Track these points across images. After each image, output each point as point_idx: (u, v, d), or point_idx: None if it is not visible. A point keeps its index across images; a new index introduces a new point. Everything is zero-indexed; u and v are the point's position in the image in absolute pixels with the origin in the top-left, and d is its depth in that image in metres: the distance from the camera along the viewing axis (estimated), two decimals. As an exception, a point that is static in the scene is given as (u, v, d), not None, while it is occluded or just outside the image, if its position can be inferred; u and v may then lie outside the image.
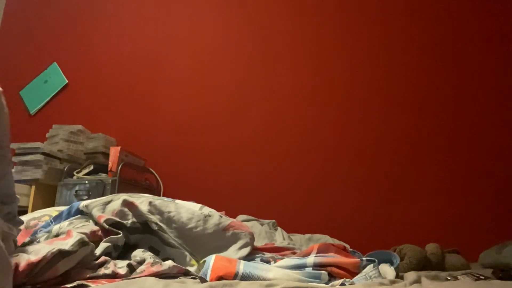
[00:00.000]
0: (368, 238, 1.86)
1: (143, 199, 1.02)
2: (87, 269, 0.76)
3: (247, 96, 2.35)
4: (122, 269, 0.77)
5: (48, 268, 0.68)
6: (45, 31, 2.91)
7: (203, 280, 0.74)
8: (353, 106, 2.17)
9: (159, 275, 0.74)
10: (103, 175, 2.06)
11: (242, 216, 1.77)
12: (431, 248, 1.22)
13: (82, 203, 1.01)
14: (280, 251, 1.17)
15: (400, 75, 2.14)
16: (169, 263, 0.80)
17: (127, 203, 0.99)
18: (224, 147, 2.30)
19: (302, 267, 0.86)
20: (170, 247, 0.97)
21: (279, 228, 1.71)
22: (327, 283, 0.80)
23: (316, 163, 2.13)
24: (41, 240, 0.87)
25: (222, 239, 1.03)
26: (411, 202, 1.93)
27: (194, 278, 0.77)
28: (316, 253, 0.92)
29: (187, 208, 1.06)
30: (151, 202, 1.01)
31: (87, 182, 2.01)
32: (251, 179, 2.20)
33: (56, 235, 0.87)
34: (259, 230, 1.59)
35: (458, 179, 1.92)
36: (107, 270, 0.76)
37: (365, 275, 0.81)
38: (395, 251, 1.19)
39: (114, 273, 0.75)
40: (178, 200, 1.10)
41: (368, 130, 2.10)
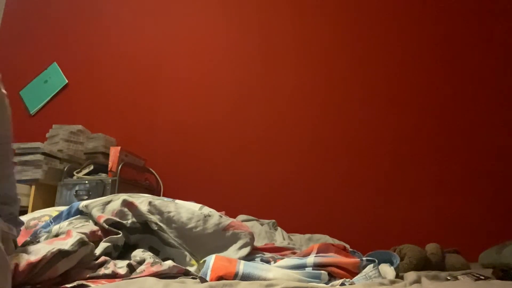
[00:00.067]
0: (368, 238, 1.86)
1: (142, 199, 1.02)
2: (87, 269, 0.76)
3: (247, 96, 2.35)
4: (122, 269, 0.77)
5: (48, 268, 0.68)
6: (45, 31, 2.91)
7: (203, 280, 0.74)
8: (353, 106, 2.17)
9: (159, 275, 0.74)
10: (103, 175, 2.06)
11: (242, 216, 1.77)
12: (431, 248, 1.22)
13: (82, 203, 1.01)
14: (280, 251, 1.17)
15: (400, 75, 2.14)
16: (169, 263, 0.80)
17: (126, 203, 0.99)
18: (224, 147, 2.30)
19: (302, 267, 0.86)
20: (170, 247, 0.97)
21: (279, 228, 1.71)
22: (327, 283, 0.80)
23: (316, 163, 2.13)
24: (41, 240, 0.87)
25: (222, 239, 1.03)
26: (411, 202, 1.94)
27: (194, 278, 0.77)
28: (316, 253, 0.92)
29: (187, 208, 1.06)
30: (151, 202, 1.01)
31: (87, 182, 2.01)
32: (251, 179, 2.20)
33: (56, 235, 0.87)
34: (259, 230, 1.59)
35: (458, 179, 1.92)
36: (107, 270, 0.76)
37: (365, 275, 0.81)
38: (395, 251, 1.19)
39: (114, 273, 0.75)
40: (178, 200, 1.10)
41: (368, 130, 2.11)
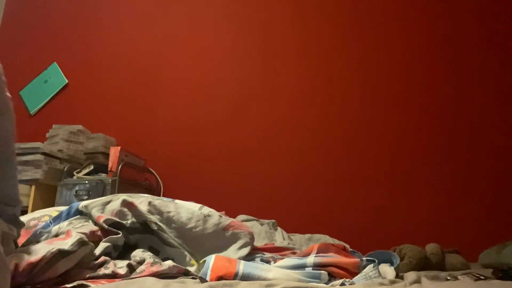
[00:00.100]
0: (368, 238, 1.86)
1: (142, 199, 1.02)
2: (87, 269, 0.76)
3: (247, 96, 2.35)
4: (122, 269, 0.77)
5: (48, 268, 0.68)
6: (45, 31, 2.91)
7: (203, 280, 0.74)
8: (353, 106, 2.17)
9: (159, 275, 0.74)
10: (103, 175, 2.06)
11: (242, 216, 1.77)
12: (431, 248, 1.22)
13: (82, 204, 1.01)
14: (280, 251, 1.17)
15: (400, 75, 2.14)
16: (169, 263, 0.79)
17: (126, 203, 0.99)
18: (224, 147, 2.30)
19: (302, 267, 0.86)
20: (170, 247, 0.96)
21: (279, 228, 1.70)
22: (327, 283, 0.80)
23: (316, 163, 2.13)
24: (40, 241, 0.87)
25: (222, 239, 1.03)
26: (411, 202, 1.93)
27: (194, 278, 0.77)
28: (316, 253, 0.92)
29: (186, 208, 1.06)
30: (150, 202, 1.01)
31: (87, 182, 2.01)
32: (251, 179, 2.20)
33: (56, 235, 0.87)
34: (259, 230, 1.59)
35: (458, 179, 1.92)
36: (107, 270, 0.76)
37: (365, 275, 0.81)
38: (395, 251, 1.19)
39: (114, 273, 0.75)
40: (178, 200, 1.10)
41: (368, 130, 2.10)
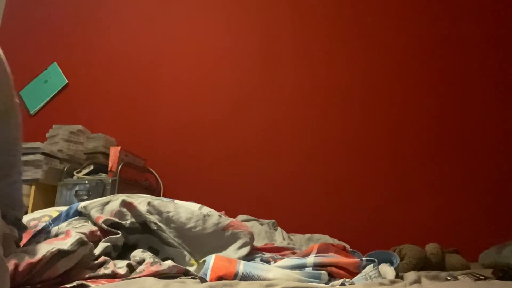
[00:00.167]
0: (368, 238, 1.86)
1: (141, 199, 1.02)
2: (87, 269, 0.76)
3: (247, 96, 2.35)
4: (122, 269, 0.77)
5: (48, 268, 0.68)
6: (45, 31, 2.91)
7: (203, 280, 0.74)
8: (353, 106, 2.17)
9: (158, 275, 0.74)
10: (103, 175, 2.06)
11: (242, 216, 1.77)
12: (431, 248, 1.21)
13: (81, 204, 1.01)
14: (280, 251, 1.17)
15: (400, 75, 2.14)
16: (168, 263, 0.79)
17: (125, 203, 0.99)
18: (224, 147, 2.30)
19: (302, 267, 0.86)
20: (170, 246, 0.96)
21: (279, 228, 1.70)
22: (327, 283, 0.80)
23: (316, 163, 2.13)
24: (40, 241, 0.87)
25: (221, 238, 1.03)
26: (411, 202, 1.93)
27: (194, 278, 0.77)
28: (316, 253, 0.92)
29: (186, 208, 1.06)
30: (149, 202, 1.01)
31: (87, 182, 2.01)
32: (251, 179, 2.19)
33: (55, 235, 0.87)
34: (259, 230, 1.58)
35: (458, 179, 1.92)
36: (106, 270, 0.76)
37: (365, 275, 0.81)
38: (395, 251, 1.19)
39: (113, 273, 0.75)
40: (177, 200, 1.10)
41: (368, 130, 2.10)
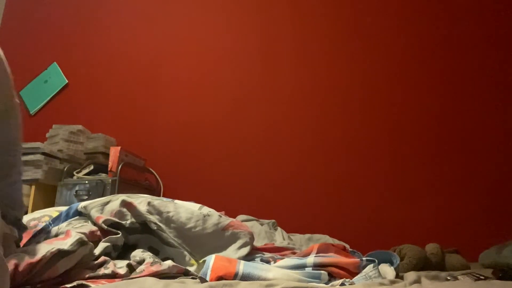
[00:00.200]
0: (368, 238, 1.86)
1: (141, 200, 1.02)
2: (87, 269, 0.76)
3: (247, 96, 2.35)
4: (122, 269, 0.77)
5: (48, 268, 0.68)
6: (45, 31, 2.91)
7: (203, 280, 0.74)
8: (353, 106, 2.17)
9: (158, 275, 0.74)
10: (103, 175, 2.06)
11: (242, 216, 1.77)
12: (431, 248, 1.21)
13: (81, 204, 1.01)
14: (280, 251, 1.17)
15: (400, 75, 2.14)
16: (168, 263, 0.79)
17: (125, 203, 0.99)
18: (224, 147, 2.30)
19: (302, 267, 0.86)
20: (170, 246, 0.96)
21: (279, 228, 1.70)
22: (327, 283, 0.80)
23: (316, 163, 2.13)
24: (40, 241, 0.87)
25: (221, 238, 1.03)
26: (411, 202, 1.93)
27: (194, 278, 0.77)
28: (316, 253, 0.92)
29: (186, 208, 1.06)
30: (149, 202, 1.01)
31: (87, 182, 2.01)
32: (251, 179, 2.19)
33: (55, 235, 0.87)
34: (259, 230, 1.58)
35: (458, 179, 1.92)
36: (106, 270, 0.76)
37: (365, 275, 0.81)
38: (395, 251, 1.19)
39: (113, 273, 0.75)
40: (177, 200, 1.10)
41: (368, 130, 2.10)
